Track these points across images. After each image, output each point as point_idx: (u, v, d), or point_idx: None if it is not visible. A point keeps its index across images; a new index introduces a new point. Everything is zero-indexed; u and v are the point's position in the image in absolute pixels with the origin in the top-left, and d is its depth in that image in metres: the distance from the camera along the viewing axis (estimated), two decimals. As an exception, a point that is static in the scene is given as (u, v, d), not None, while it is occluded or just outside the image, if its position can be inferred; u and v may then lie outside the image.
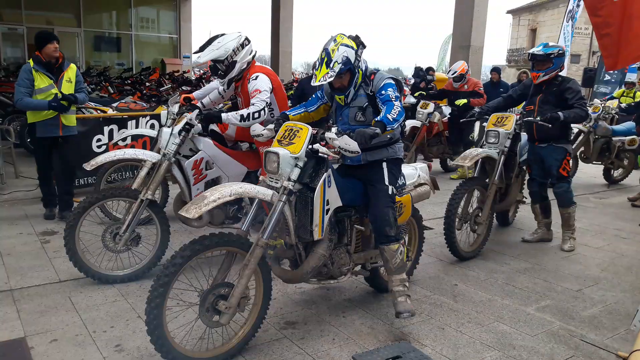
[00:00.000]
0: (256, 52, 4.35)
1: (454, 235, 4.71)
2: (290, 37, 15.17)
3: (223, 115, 4.08)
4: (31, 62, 5.12)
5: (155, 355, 2.96)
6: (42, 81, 5.11)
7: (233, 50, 4.12)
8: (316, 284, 3.50)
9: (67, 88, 5.26)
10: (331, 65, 3.16)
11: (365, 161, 3.45)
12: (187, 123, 4.10)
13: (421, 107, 8.44)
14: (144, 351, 3.05)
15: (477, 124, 8.96)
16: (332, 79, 3.17)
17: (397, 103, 3.23)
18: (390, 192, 3.45)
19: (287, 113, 3.58)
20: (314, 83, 3.19)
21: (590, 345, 3.35)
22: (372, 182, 3.45)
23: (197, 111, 4.11)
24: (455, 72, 8.33)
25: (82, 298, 3.75)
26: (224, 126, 4.52)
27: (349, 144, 2.96)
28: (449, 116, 8.51)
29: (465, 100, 8.00)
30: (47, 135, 5.28)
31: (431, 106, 8.36)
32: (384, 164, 3.46)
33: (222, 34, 4.25)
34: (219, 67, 4.21)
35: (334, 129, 3.06)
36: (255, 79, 4.14)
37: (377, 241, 3.49)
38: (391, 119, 3.13)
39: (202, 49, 4.22)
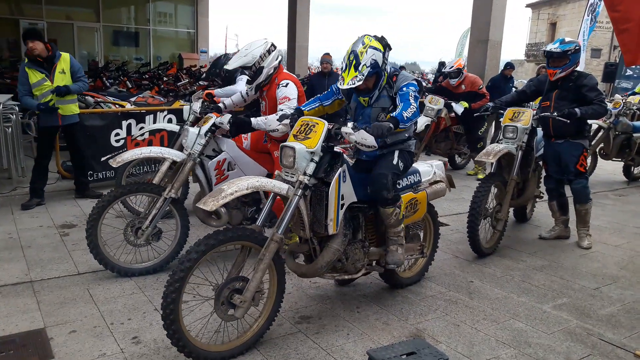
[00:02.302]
0: (282, 57, 4.42)
1: (478, 231, 4.68)
2: (306, 31, 15.15)
3: (253, 120, 4.15)
4: (26, 59, 5.41)
5: (172, 347, 3.00)
6: (34, 77, 5.42)
7: (260, 57, 4.22)
8: (331, 278, 3.52)
9: (61, 79, 5.51)
10: (359, 69, 3.17)
11: (381, 153, 3.52)
12: (214, 124, 4.14)
13: (430, 103, 8.04)
14: (161, 343, 3.10)
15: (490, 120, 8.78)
16: (360, 82, 3.18)
17: (414, 103, 3.28)
18: (395, 163, 3.48)
19: (302, 108, 3.60)
20: (342, 86, 3.20)
21: (608, 344, 3.31)
22: (381, 157, 3.51)
23: (229, 116, 4.17)
24: (452, 66, 7.99)
25: (100, 290, 3.81)
26: (239, 140, 4.58)
27: (366, 138, 2.98)
28: (459, 114, 8.08)
29: (466, 105, 7.76)
30: (48, 125, 5.67)
31: (441, 102, 7.99)
32: (396, 151, 3.53)
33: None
34: (247, 74, 4.33)
35: (349, 124, 3.07)
36: (286, 86, 4.23)
37: (375, 202, 3.49)
38: (405, 117, 3.18)
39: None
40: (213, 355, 2.91)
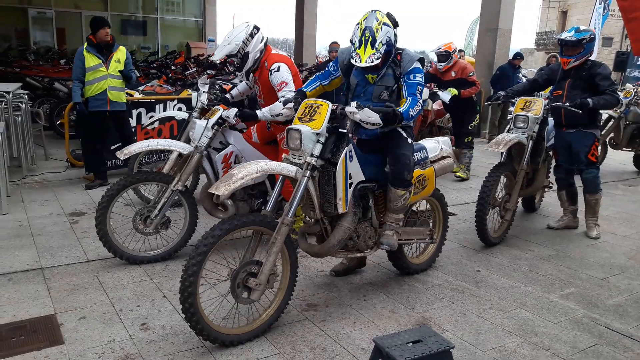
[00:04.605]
0: (267, 38, 4.36)
1: (486, 221, 4.67)
2: (314, 20, 15.07)
3: (259, 112, 4.12)
4: (85, 44, 5.76)
5: (180, 334, 3.04)
6: (91, 61, 5.77)
7: (243, 42, 4.15)
8: (343, 257, 3.55)
9: (114, 67, 5.90)
10: (376, 46, 3.15)
11: (382, 133, 3.50)
12: (221, 118, 4.14)
13: None
14: (169, 330, 3.13)
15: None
16: (379, 60, 3.17)
17: (420, 99, 3.33)
18: (409, 142, 3.52)
19: (304, 90, 3.59)
20: (360, 64, 3.16)
21: (615, 333, 3.31)
22: (391, 138, 3.50)
23: (235, 109, 4.15)
24: (440, 48, 7.13)
25: (110, 277, 3.84)
26: (248, 134, 4.57)
27: (371, 116, 2.99)
28: (448, 102, 7.25)
29: (455, 92, 7.04)
30: (96, 110, 5.89)
31: (426, 93, 7.06)
32: (400, 129, 3.52)
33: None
34: (235, 61, 4.27)
35: (353, 104, 3.08)
36: (278, 70, 4.15)
37: (390, 182, 3.50)
38: (411, 115, 3.24)
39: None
40: (222, 337, 2.94)
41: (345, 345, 3.06)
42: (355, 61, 3.19)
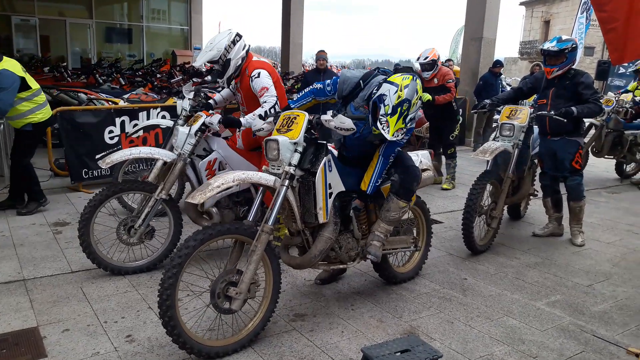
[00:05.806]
0: (249, 46, 4.37)
1: (472, 229, 4.69)
2: (301, 28, 15.10)
3: (242, 119, 4.11)
4: None
5: (166, 345, 3.00)
6: None
7: (225, 49, 4.16)
8: (325, 267, 3.54)
9: None
10: (406, 121, 3.10)
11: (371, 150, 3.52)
12: (204, 124, 4.11)
13: None
14: (155, 342, 3.09)
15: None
16: (403, 135, 3.18)
17: (389, 163, 3.49)
18: (410, 156, 3.67)
19: (292, 105, 3.58)
20: (387, 136, 3.05)
21: (601, 340, 3.33)
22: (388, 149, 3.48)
23: (219, 116, 4.14)
24: (427, 57, 6.87)
25: (94, 289, 3.79)
26: (234, 140, 4.55)
27: (344, 122, 3.00)
28: (422, 108, 7.11)
29: (429, 97, 6.48)
30: None
31: None
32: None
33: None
34: (216, 68, 4.26)
35: (329, 112, 3.10)
36: (258, 76, 4.17)
37: (395, 192, 3.50)
38: (375, 187, 3.45)
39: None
40: (207, 349, 2.90)
41: (333, 355, 3.04)
42: (383, 129, 3.04)
